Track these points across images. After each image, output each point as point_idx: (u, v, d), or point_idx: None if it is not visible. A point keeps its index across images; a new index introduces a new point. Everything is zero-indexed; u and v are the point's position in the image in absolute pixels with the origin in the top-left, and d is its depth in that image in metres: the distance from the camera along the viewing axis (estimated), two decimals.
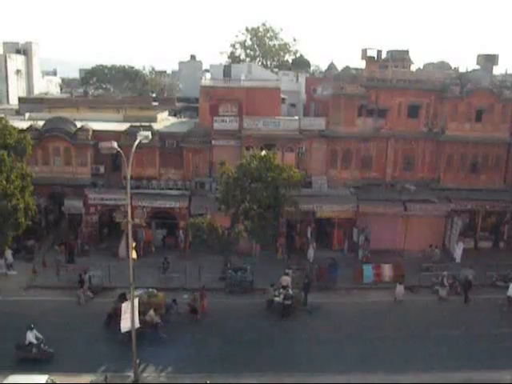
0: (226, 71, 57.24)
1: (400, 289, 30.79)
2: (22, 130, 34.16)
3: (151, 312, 25.72)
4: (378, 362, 24.17)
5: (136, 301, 22.05)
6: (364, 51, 42.68)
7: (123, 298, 26.24)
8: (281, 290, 29.01)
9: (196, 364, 23.68)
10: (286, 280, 30.18)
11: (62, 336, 25.26)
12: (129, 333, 22.82)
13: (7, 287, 30.73)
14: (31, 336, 23.58)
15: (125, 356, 22.65)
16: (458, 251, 36.54)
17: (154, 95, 71.83)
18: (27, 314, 27.23)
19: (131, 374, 22.19)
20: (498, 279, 33.07)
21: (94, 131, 38.07)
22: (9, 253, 32.89)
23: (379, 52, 43.20)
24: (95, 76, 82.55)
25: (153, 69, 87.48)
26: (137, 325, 22.01)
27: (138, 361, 22.15)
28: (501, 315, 29.19)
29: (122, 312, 21.60)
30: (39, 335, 23.72)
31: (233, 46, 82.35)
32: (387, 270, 33.28)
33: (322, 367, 23.51)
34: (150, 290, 27.80)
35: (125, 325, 21.81)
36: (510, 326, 27.73)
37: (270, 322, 27.74)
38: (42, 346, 23.58)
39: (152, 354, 24.05)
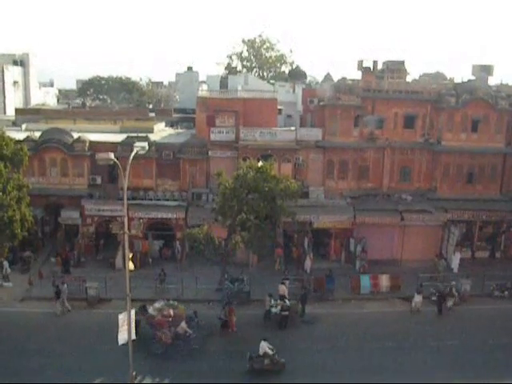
0: (223, 82, 57.46)
1: (419, 298, 30.67)
2: (19, 141, 34.15)
3: (183, 324, 25.74)
4: (376, 372, 24.06)
5: (133, 312, 21.90)
6: (360, 62, 42.91)
7: (144, 309, 26.45)
8: (278, 301, 28.94)
9: (192, 376, 23.52)
10: (283, 289, 30.16)
11: (58, 348, 25.17)
12: (163, 345, 24.38)
13: (3, 299, 30.58)
14: (266, 346, 23.74)
15: (121, 368, 22.47)
16: (455, 261, 36.61)
17: (150, 106, 71.97)
18: (22, 326, 27.16)
19: None
20: (496, 289, 33.06)
21: (90, 142, 38.10)
22: (6, 264, 32.79)
23: (375, 63, 43.45)
24: (92, 87, 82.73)
25: (149, 80, 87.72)
26: (133, 336, 21.85)
27: (134, 373, 21.99)
28: (499, 325, 29.16)
29: (120, 324, 21.45)
30: (270, 346, 23.87)
31: (229, 57, 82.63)
32: (384, 281, 33.25)
33: (320, 378, 23.42)
34: (171, 301, 27.62)
35: (122, 336, 21.66)
36: (508, 337, 27.68)
37: (267, 332, 27.58)
38: (275, 356, 23.65)
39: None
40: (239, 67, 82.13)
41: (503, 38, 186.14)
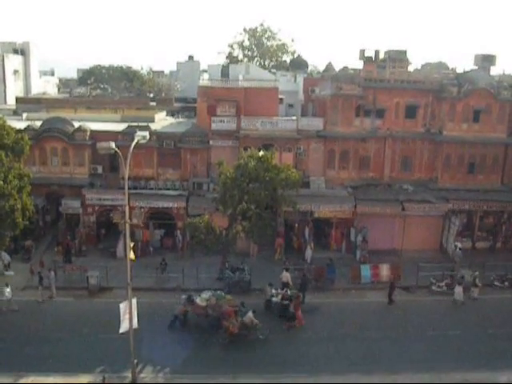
0: (224, 71, 57.15)
1: (459, 290, 30.67)
2: (20, 130, 34.08)
3: (250, 314, 25.79)
4: (376, 362, 24.18)
5: (134, 301, 21.98)
6: (362, 51, 42.67)
7: (191, 299, 26.75)
8: (279, 290, 29.03)
9: (193, 364, 23.67)
10: (286, 276, 30.29)
11: (60, 336, 25.29)
12: (229, 335, 24.59)
13: (3, 287, 30.68)
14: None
15: (123, 356, 22.59)
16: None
17: (151, 95, 71.77)
18: (24, 314, 27.24)
19: (129, 374, 22.17)
20: (496, 279, 33.12)
21: (91, 131, 38.05)
22: (5, 256, 32.84)
23: (377, 52, 43.20)
24: (93, 76, 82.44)
25: (150, 69, 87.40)
26: (135, 325, 21.96)
27: (135, 361, 22.12)
28: (499, 315, 29.27)
29: (121, 313, 21.56)
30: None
31: (231, 46, 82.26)
32: (385, 270, 33.32)
33: (321, 367, 23.54)
34: (219, 292, 27.68)
35: (124, 325, 21.76)
36: (508, 326, 27.75)
37: (268, 322, 27.68)
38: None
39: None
40: (240, 56, 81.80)
41: (507, 29, 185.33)
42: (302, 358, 24.38)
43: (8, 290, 28.27)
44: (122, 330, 21.86)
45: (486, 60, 42.43)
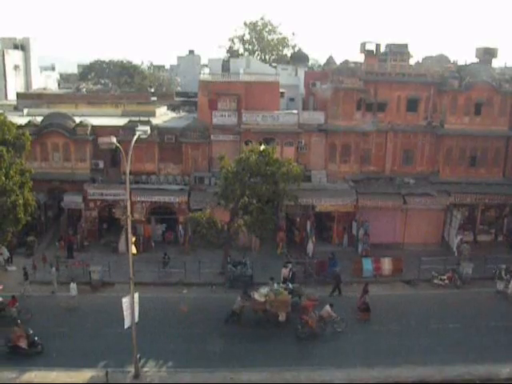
0: (225, 66, 57.07)
1: (510, 285, 30.67)
2: (21, 126, 34.12)
3: (327, 307, 26.00)
4: (379, 355, 24.19)
5: (136, 295, 22.02)
6: (363, 45, 42.56)
7: (247, 295, 27.00)
8: (281, 285, 29.06)
9: (191, 359, 23.70)
10: (284, 273, 30.33)
11: (62, 331, 25.36)
12: (308, 328, 24.96)
13: (7, 282, 30.74)
14: None
15: (125, 351, 22.63)
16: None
17: (152, 90, 71.74)
18: (27, 309, 27.29)
19: (132, 368, 22.23)
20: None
21: (92, 126, 38.04)
22: (5, 251, 32.92)
23: (378, 46, 43.07)
24: (93, 71, 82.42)
25: (151, 64, 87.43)
26: (136, 319, 22.00)
27: (138, 356, 22.18)
28: (501, 308, 29.28)
29: (124, 308, 21.60)
30: None
31: (231, 40, 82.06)
32: (387, 264, 33.33)
33: (322, 362, 23.58)
34: (275, 287, 27.68)
35: (128, 320, 21.81)
36: (510, 319, 27.76)
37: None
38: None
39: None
40: (241, 50, 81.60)
41: (508, 21, 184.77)
42: (303, 352, 24.46)
43: (74, 286, 28.32)
44: (126, 325, 21.92)
45: (488, 53, 42.30)
